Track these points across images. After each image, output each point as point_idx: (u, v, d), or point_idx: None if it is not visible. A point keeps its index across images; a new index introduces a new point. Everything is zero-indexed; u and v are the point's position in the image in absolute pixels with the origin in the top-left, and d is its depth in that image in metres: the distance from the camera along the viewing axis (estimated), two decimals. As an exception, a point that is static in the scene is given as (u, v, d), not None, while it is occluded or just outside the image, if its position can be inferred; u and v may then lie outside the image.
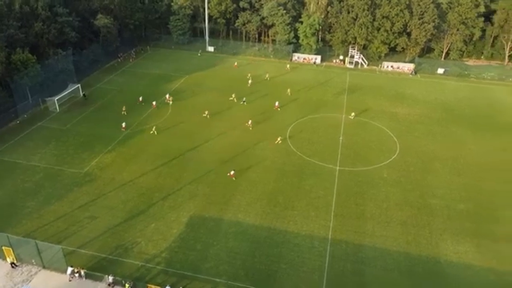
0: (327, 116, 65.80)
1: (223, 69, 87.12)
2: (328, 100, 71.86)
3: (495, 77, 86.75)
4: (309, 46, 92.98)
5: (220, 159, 53.03)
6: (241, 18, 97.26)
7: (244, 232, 41.26)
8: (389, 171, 51.73)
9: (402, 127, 62.96)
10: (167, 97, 68.78)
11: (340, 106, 69.68)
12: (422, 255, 39.16)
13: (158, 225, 41.79)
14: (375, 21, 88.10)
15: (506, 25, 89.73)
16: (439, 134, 61.50)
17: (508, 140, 60.15)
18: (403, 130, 62.04)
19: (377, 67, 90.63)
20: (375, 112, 67.41)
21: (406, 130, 62.05)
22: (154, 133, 58.27)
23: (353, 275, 36.84)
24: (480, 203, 46.43)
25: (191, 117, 63.73)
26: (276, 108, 66.91)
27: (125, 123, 59.56)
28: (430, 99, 74.26)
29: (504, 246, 40.30)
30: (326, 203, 45.52)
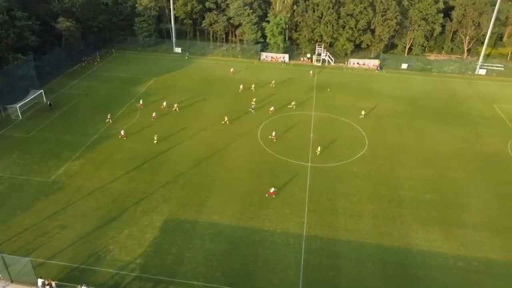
0: (297, 114, 66.50)
1: (191, 70, 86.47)
2: (297, 98, 72.54)
3: (455, 70, 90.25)
4: (276, 45, 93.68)
5: (192, 161, 52.67)
6: (208, 18, 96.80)
7: (219, 233, 41.16)
8: (359, 166, 52.86)
9: (370, 122, 64.43)
10: (140, 103, 67.44)
11: (309, 103, 70.58)
12: (394, 245, 40.25)
13: (131, 231, 41.05)
14: (340, 19, 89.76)
15: (464, 20, 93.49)
16: (405, 127, 63.35)
17: (469, 130, 62.73)
18: (371, 125, 63.50)
19: (343, 64, 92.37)
20: (343, 108, 68.65)
21: (374, 125, 63.55)
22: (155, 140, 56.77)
23: (329, 269, 37.46)
24: (446, 192, 48.20)
25: (162, 120, 62.88)
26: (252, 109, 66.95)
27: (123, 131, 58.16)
28: (396, 93, 76.37)
29: (470, 232, 42.00)
30: (300, 200, 46.04)
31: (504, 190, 48.80)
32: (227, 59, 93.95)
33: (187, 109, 66.81)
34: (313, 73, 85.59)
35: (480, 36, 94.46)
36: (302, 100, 71.47)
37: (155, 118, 62.81)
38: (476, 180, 50.52)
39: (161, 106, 66.29)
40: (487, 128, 63.85)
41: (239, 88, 74.81)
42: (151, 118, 63.01)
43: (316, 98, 72.72)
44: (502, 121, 66.47)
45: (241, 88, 74.63)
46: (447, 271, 37.56)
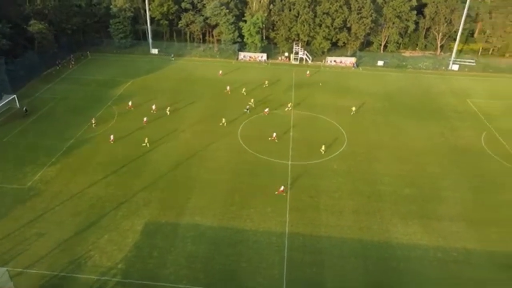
0: (277, 113, 66.72)
1: (170, 71, 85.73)
2: (276, 97, 72.84)
3: (429, 66, 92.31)
4: (254, 44, 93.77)
5: (172, 163, 52.24)
6: (184, 19, 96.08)
7: (202, 235, 40.96)
8: (339, 163, 53.44)
9: (348, 119, 65.19)
10: (129, 105, 66.32)
11: (288, 102, 70.82)
12: (375, 240, 40.88)
13: (111, 235, 40.42)
14: (316, 17, 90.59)
15: (436, 17, 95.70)
16: (382, 123, 64.38)
17: (444, 125, 64.22)
18: (349, 122, 64.25)
19: (321, 62, 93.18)
20: (322, 106, 69.25)
21: (352, 122, 64.34)
22: (146, 145, 55.68)
23: (312, 265, 37.76)
24: (424, 186, 49.23)
25: (140, 122, 62.11)
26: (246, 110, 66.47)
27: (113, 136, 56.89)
28: (373, 90, 77.51)
29: (448, 224, 43.05)
30: (281, 199, 46.22)
31: (479, 182, 50.19)
32: (205, 59, 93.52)
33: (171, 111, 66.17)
34: (291, 72, 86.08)
35: (452, 32, 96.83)
36: (281, 99, 71.66)
37: (146, 122, 61.51)
38: (452, 174, 51.76)
39: (151, 110, 65.18)
40: (461, 122, 65.50)
41: (225, 88, 74.19)
42: (127, 120, 62.04)
43: (294, 97, 73.12)
44: (475, 115, 68.30)
45: (228, 89, 74.13)
46: (426, 262, 38.38)
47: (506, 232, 42.12)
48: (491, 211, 45.23)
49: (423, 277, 36.76)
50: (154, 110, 65.05)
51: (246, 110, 66.31)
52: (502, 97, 76.00)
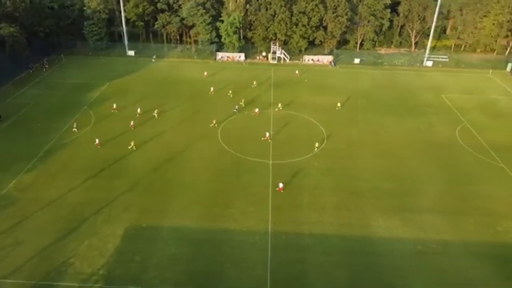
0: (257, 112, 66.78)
1: (147, 73, 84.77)
2: (255, 96, 72.96)
3: (405, 63, 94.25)
4: (231, 44, 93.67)
5: (152, 165, 51.68)
6: (160, 20, 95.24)
7: (184, 237, 40.67)
8: (319, 160, 53.93)
9: (327, 116, 65.80)
10: (114, 107, 65.40)
11: (267, 101, 71.12)
12: (357, 235, 41.41)
13: (92, 241, 39.69)
14: (293, 16, 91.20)
15: (410, 15, 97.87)
16: (361, 120, 65.27)
17: (420, 120, 65.60)
18: (328, 119, 64.86)
19: (299, 61, 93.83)
20: (301, 105, 69.72)
21: (331, 119, 64.98)
22: (133, 148, 54.81)
23: (296, 263, 37.98)
24: (403, 180, 50.17)
25: (117, 125, 61.18)
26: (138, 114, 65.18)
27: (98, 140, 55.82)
28: (350, 87, 78.49)
29: (427, 217, 43.99)
30: (263, 198, 46.34)
31: (455, 174, 51.50)
32: (182, 60, 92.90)
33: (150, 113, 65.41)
34: (269, 71, 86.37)
35: (425, 29, 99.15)
36: (260, 99, 71.83)
37: (133, 126, 60.29)
38: (429, 167, 52.92)
39: (135, 113, 64.08)
40: (437, 117, 67.05)
41: (209, 89, 73.79)
42: (105, 124, 60.98)
43: (273, 96, 73.39)
44: (449, 109, 70.05)
45: (212, 90, 73.70)
46: (407, 255, 39.13)
47: (480, 222, 43.39)
48: (466, 202, 46.50)
49: (405, 270, 37.45)
50: (139, 113, 63.97)
51: (235, 110, 66.11)
52: (474, 91, 78.27)
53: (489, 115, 67.81)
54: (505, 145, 58.02)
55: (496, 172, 52.22)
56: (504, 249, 40.06)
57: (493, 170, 52.64)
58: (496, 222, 43.37)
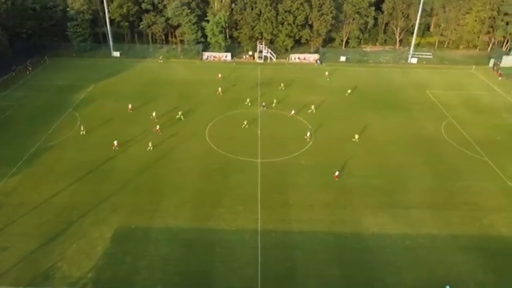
0: (244, 112, 66.73)
1: (133, 73, 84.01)
2: (243, 95, 72.89)
3: (390, 60, 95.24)
4: (218, 44, 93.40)
5: (139, 166, 51.25)
6: (145, 20, 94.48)
7: (174, 237, 40.45)
8: (307, 158, 54.11)
9: (314, 114, 66.02)
10: (130, 107, 64.33)
11: (254, 100, 71.11)
12: (346, 232, 41.67)
13: (80, 244, 39.19)
14: (279, 15, 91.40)
15: (394, 12, 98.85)
16: (347, 117, 65.65)
17: (405, 116, 66.31)
18: (315, 117, 65.09)
19: (285, 60, 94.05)
20: (288, 103, 69.78)
21: (318, 117, 65.18)
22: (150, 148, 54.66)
23: (286, 261, 38.07)
24: (390, 176, 50.65)
25: (103, 127, 60.51)
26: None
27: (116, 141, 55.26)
28: (336, 85, 78.90)
29: (415, 212, 44.50)
30: (252, 197, 46.34)
31: (441, 169, 52.19)
32: (168, 60, 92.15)
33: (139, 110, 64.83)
34: (256, 70, 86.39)
35: (409, 27, 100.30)
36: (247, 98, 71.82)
37: (157, 131, 59.17)
38: (416, 163, 53.54)
39: (150, 117, 63.07)
40: (422, 113, 67.86)
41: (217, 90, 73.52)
42: (91, 126, 60.17)
43: (261, 95, 73.43)
44: (434, 105, 70.98)
45: (219, 91, 73.40)
46: (396, 250, 39.54)
47: (466, 215, 44.10)
48: (452, 196, 47.19)
49: (394, 265, 37.82)
50: (154, 118, 62.84)
51: (263, 108, 67.09)
52: (458, 87, 79.47)
53: (473, 111, 68.93)
54: (488, 140, 59.08)
55: (481, 166, 53.10)
56: (490, 242, 40.77)
57: (477, 164, 53.51)
58: (482, 215, 44.11)
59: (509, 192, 47.84)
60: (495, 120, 65.62)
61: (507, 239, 41.04)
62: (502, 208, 45.27)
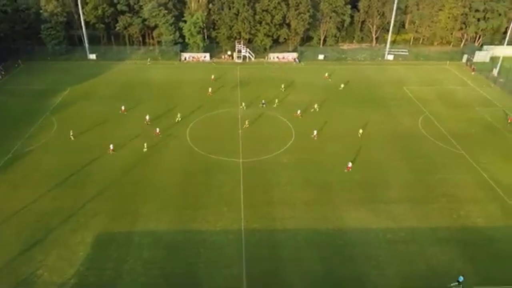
0: (224, 112, 66.72)
1: (110, 76, 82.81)
2: (223, 95, 72.84)
3: (367, 57, 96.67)
4: (196, 44, 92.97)
5: (120, 170, 50.65)
6: (121, 21, 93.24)
7: (158, 240, 40.17)
8: (289, 156, 54.49)
9: (294, 113, 66.43)
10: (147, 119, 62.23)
11: (235, 100, 71.14)
12: (329, 228, 42.18)
13: (60, 251, 38.52)
14: (256, 15, 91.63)
15: (370, 10, 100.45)
16: (327, 114, 66.31)
17: (384, 112, 67.46)
18: (295, 115, 65.53)
19: (264, 59, 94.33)
20: (267, 102, 70.04)
21: (298, 115, 65.65)
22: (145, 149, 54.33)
23: (270, 259, 38.30)
24: (370, 172, 51.48)
25: (81, 131, 59.49)
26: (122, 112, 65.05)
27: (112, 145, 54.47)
28: (315, 83, 79.62)
29: (394, 206, 45.37)
30: (235, 196, 46.41)
31: (419, 164, 53.34)
32: (146, 62, 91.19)
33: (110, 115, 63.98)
34: (236, 70, 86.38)
35: (385, 24, 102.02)
36: (228, 98, 71.78)
37: (158, 134, 58.47)
38: (395, 158, 54.55)
39: (144, 120, 62.17)
40: (399, 108, 69.16)
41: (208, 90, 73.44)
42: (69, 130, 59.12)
43: (241, 94, 73.49)
44: (411, 101, 72.45)
45: (210, 91, 73.24)
46: (378, 244, 40.25)
47: (444, 208, 45.23)
48: (431, 189, 48.30)
49: (377, 259, 38.49)
50: (148, 121, 62.12)
51: (262, 105, 67.78)
52: (433, 83, 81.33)
53: (448, 105, 70.69)
54: (463, 133, 60.74)
55: (457, 159, 54.53)
56: (467, 233, 41.93)
57: (454, 157, 54.91)
58: (459, 207, 45.31)
59: (484, 184, 49.30)
60: (469, 114, 67.48)
61: (482, 230, 42.30)
62: (478, 199, 46.64)
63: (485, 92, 76.65)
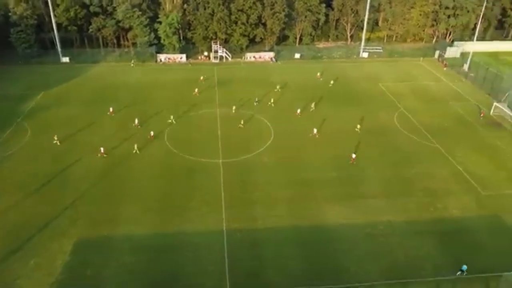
0: (202, 113, 66.43)
1: (85, 79, 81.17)
2: (200, 96, 72.49)
3: (342, 55, 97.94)
4: (172, 45, 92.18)
5: (97, 174, 49.82)
6: (95, 23, 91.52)
7: (139, 244, 39.70)
8: (268, 155, 54.73)
9: (272, 112, 66.75)
10: (111, 111, 62.40)
11: (212, 101, 70.96)
12: (310, 225, 42.59)
13: (38, 260, 37.59)
14: (232, 15, 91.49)
15: (344, 9, 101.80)
16: (306, 113, 66.80)
17: (361, 109, 68.37)
18: (274, 114, 65.82)
19: (241, 59, 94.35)
20: (246, 102, 70.19)
21: (277, 114, 65.96)
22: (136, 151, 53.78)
23: (252, 259, 38.40)
24: (349, 168, 52.22)
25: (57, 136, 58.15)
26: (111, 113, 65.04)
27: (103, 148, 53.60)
28: (293, 82, 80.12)
29: (372, 201, 46.14)
30: (216, 197, 46.32)
31: (395, 158, 54.48)
32: (122, 64, 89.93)
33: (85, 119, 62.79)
34: (213, 71, 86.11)
35: (359, 22, 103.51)
36: (205, 99, 71.51)
37: (152, 137, 57.89)
38: (373, 153, 55.48)
39: (133, 124, 61.34)
40: (376, 105, 70.33)
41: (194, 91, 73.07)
42: (42, 136, 57.77)
43: (218, 95, 73.32)
44: (387, 97, 73.84)
45: (196, 92, 72.95)
46: (358, 239, 40.88)
47: (418, 201, 46.30)
48: (407, 183, 49.36)
49: (356, 254, 39.09)
50: (137, 125, 61.33)
51: (256, 103, 68.70)
52: (408, 79, 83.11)
53: (422, 100, 72.38)
54: (437, 127, 62.34)
55: (432, 152, 55.90)
56: (443, 224, 43.07)
57: (429, 151, 56.27)
58: (435, 200, 46.46)
59: (459, 176, 50.71)
60: (443, 109, 69.28)
61: (458, 221, 43.55)
62: (453, 191, 47.92)
63: (457, 87, 78.83)
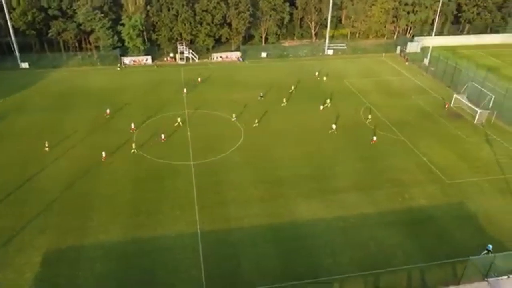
0: (170, 115, 65.61)
1: (46, 85, 78.41)
2: (167, 99, 71.64)
3: (308, 53, 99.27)
4: (136, 48, 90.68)
5: (63, 184, 48.23)
6: (54, 27, 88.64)
7: (110, 252, 38.82)
8: (239, 155, 54.78)
9: (242, 111, 66.78)
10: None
11: (180, 102, 70.25)
12: (283, 222, 42.90)
13: (5, 274, 36.09)
14: (196, 15, 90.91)
15: (307, 7, 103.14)
16: (274, 111, 67.30)
17: (331, 106, 69.45)
18: (243, 114, 65.90)
19: (207, 60, 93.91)
20: (214, 103, 69.94)
21: (246, 114, 66.08)
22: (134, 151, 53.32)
23: (228, 259, 38.33)
24: (320, 164, 53.00)
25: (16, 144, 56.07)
26: (107, 115, 64.20)
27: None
28: (260, 81, 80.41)
29: (344, 196, 47.02)
30: (189, 200, 45.93)
31: (365, 152, 55.77)
32: (84, 68, 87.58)
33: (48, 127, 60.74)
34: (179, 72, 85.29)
35: (323, 20, 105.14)
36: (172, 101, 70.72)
37: (164, 140, 57.22)
38: (343, 149, 56.54)
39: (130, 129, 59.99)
40: (343, 101, 71.68)
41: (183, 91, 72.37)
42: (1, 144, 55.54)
43: (186, 96, 72.68)
44: (352, 93, 75.46)
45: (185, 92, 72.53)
46: (331, 233, 41.50)
47: (390, 193, 47.56)
48: (377, 176, 50.62)
49: (330, 247, 39.71)
50: (134, 129, 60.27)
51: (260, 98, 70.20)
52: (371, 74, 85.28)
53: (386, 95, 74.44)
54: (402, 120, 64.32)
55: (398, 145, 57.60)
56: (412, 214, 44.45)
57: (396, 144, 57.94)
58: (404, 190, 47.87)
59: (424, 167, 52.48)
60: (406, 102, 71.51)
61: (425, 209, 45.08)
62: (420, 182, 49.56)
63: (419, 81, 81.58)
